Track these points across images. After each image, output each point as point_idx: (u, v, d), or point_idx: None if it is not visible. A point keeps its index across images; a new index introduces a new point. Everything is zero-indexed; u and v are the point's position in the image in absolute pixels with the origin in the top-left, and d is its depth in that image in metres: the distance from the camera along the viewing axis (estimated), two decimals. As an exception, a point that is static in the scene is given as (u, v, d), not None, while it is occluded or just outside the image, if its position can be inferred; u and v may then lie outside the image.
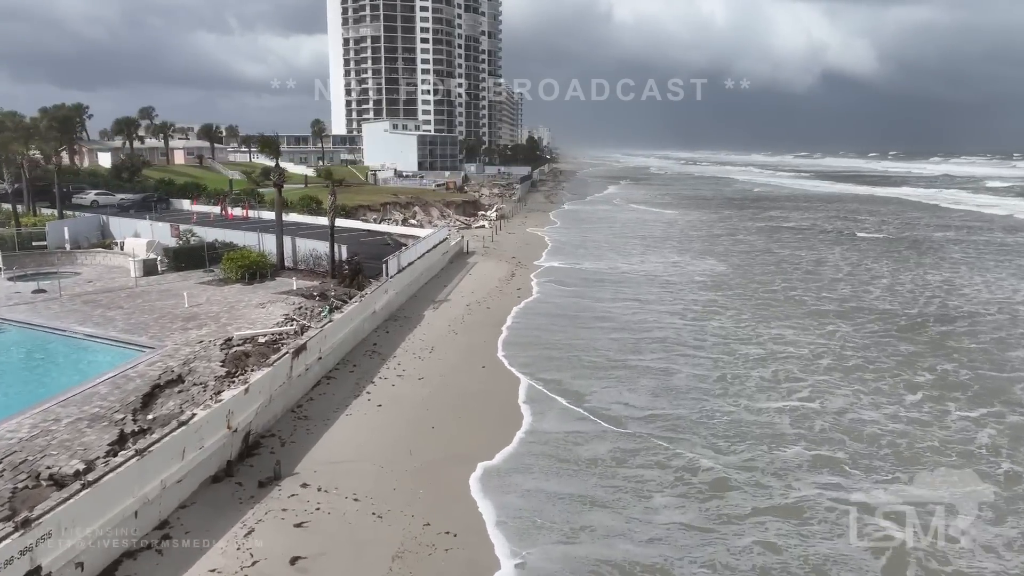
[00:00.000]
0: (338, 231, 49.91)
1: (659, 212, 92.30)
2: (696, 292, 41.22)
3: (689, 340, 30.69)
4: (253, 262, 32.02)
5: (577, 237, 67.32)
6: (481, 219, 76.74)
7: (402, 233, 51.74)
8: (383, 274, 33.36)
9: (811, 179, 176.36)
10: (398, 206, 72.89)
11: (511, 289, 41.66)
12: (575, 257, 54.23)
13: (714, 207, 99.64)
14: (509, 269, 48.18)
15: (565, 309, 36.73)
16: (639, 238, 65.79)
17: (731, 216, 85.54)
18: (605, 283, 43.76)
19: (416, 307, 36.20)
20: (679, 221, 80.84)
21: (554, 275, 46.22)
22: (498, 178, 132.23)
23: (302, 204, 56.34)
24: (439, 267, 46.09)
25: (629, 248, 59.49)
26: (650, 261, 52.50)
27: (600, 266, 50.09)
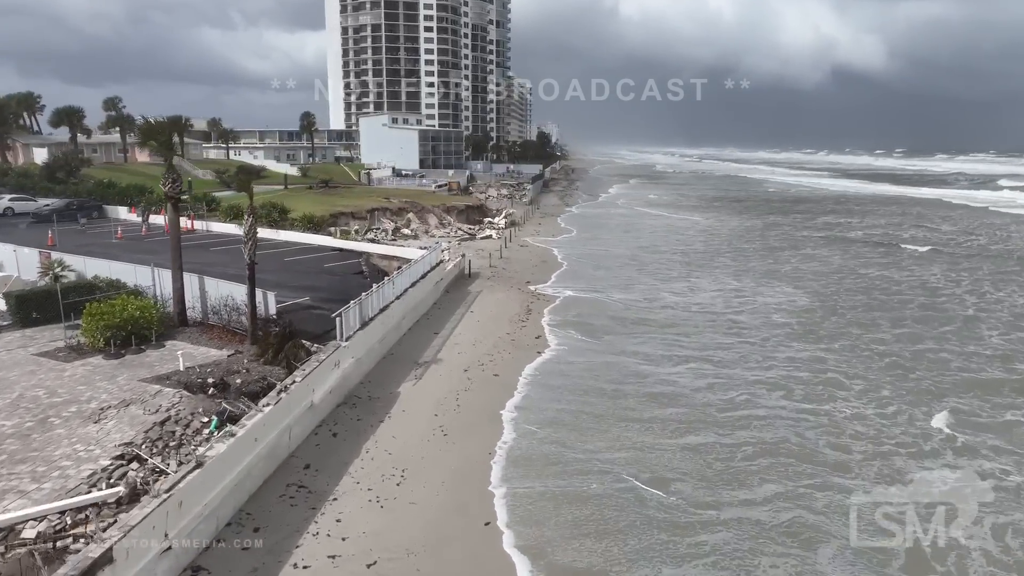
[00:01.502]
0: (300, 251, 38.71)
1: (690, 218, 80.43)
2: (786, 343, 29.50)
3: (822, 450, 19.03)
4: (128, 319, 20.57)
5: (599, 249, 55.68)
6: (488, 227, 65.18)
7: (385, 254, 40.20)
8: (338, 333, 21.89)
9: (843, 178, 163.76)
10: (388, 213, 61.48)
11: (527, 337, 30.14)
12: (600, 282, 42.56)
13: (754, 211, 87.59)
14: (523, 303, 36.61)
15: (597, 376, 25.15)
16: (678, 253, 54.01)
17: (780, 223, 73.51)
18: (649, 327, 32.07)
19: (389, 376, 24.70)
20: (719, 230, 68.95)
21: (575, 311, 34.65)
22: (507, 177, 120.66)
23: (259, 217, 44.88)
24: (430, 301, 34.60)
25: (668, 267, 47.79)
26: (702, 288, 40.78)
27: (635, 297, 38.37)
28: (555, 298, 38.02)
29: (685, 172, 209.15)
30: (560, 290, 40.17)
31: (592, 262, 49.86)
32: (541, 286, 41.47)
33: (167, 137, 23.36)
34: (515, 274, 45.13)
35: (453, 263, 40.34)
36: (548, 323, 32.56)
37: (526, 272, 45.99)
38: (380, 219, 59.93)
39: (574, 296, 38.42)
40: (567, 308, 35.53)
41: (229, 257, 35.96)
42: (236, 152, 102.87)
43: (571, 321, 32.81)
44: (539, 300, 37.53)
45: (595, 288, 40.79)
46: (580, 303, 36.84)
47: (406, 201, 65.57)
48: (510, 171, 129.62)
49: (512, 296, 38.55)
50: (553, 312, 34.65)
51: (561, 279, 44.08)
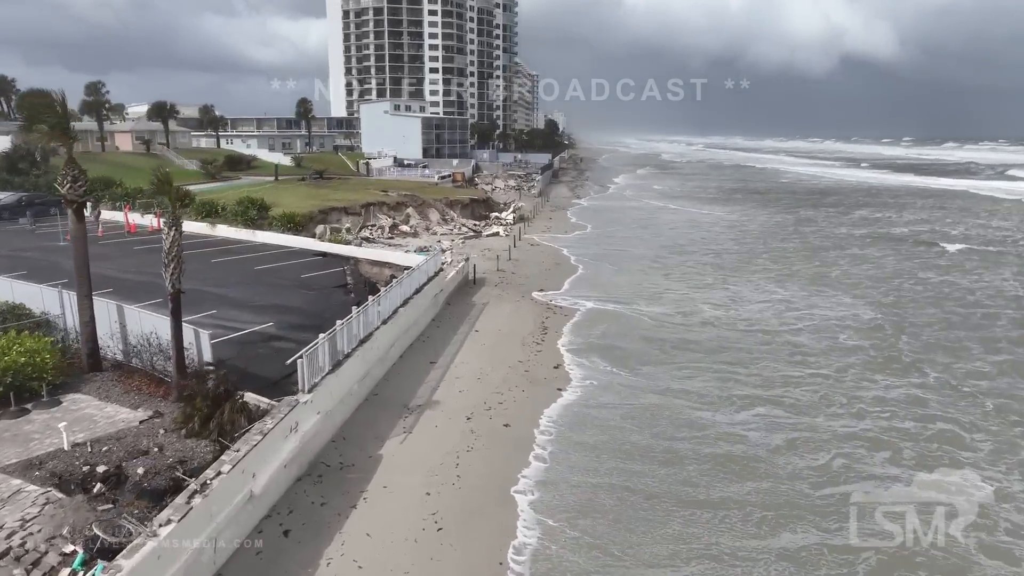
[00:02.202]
0: (277, 256, 32.76)
1: (712, 211, 74.49)
2: (867, 375, 23.80)
3: (979, 559, 13.40)
4: (7, 368, 14.98)
5: (616, 249, 49.98)
6: (494, 223, 59.48)
7: (376, 260, 34.51)
8: (299, 381, 16.30)
9: (862, 169, 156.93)
10: (386, 208, 55.82)
11: (543, 366, 24.57)
12: (623, 290, 36.91)
13: (779, 204, 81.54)
14: (536, 318, 31.02)
15: (639, 427, 19.59)
16: (708, 253, 48.21)
17: (812, 218, 67.49)
18: (693, 353, 26.39)
19: (370, 428, 19.15)
20: (747, 225, 63.05)
21: (599, 329, 29.08)
22: (514, 167, 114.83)
23: (233, 214, 39.13)
24: (428, 318, 29.01)
25: (699, 271, 42.04)
26: (745, 298, 35.08)
27: (667, 310, 32.66)
28: (573, 311, 32.41)
29: (695, 161, 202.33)
30: (577, 300, 34.55)
31: (610, 265, 44.16)
32: (555, 295, 35.87)
33: (60, 119, 17.57)
34: (525, 280, 39.52)
35: (455, 270, 34.72)
36: (568, 346, 26.96)
37: (537, 277, 40.39)
38: (376, 215, 54.30)
39: (595, 309, 32.76)
40: (589, 325, 29.89)
41: (201, 265, 30.47)
42: (228, 141, 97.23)
43: (596, 344, 27.18)
44: (555, 314, 31.91)
45: (617, 298, 35.11)
46: (603, 318, 31.20)
47: (405, 194, 59.90)
48: (517, 160, 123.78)
49: (523, 308, 32.95)
50: (573, 331, 29.03)
51: (577, 286, 38.46)
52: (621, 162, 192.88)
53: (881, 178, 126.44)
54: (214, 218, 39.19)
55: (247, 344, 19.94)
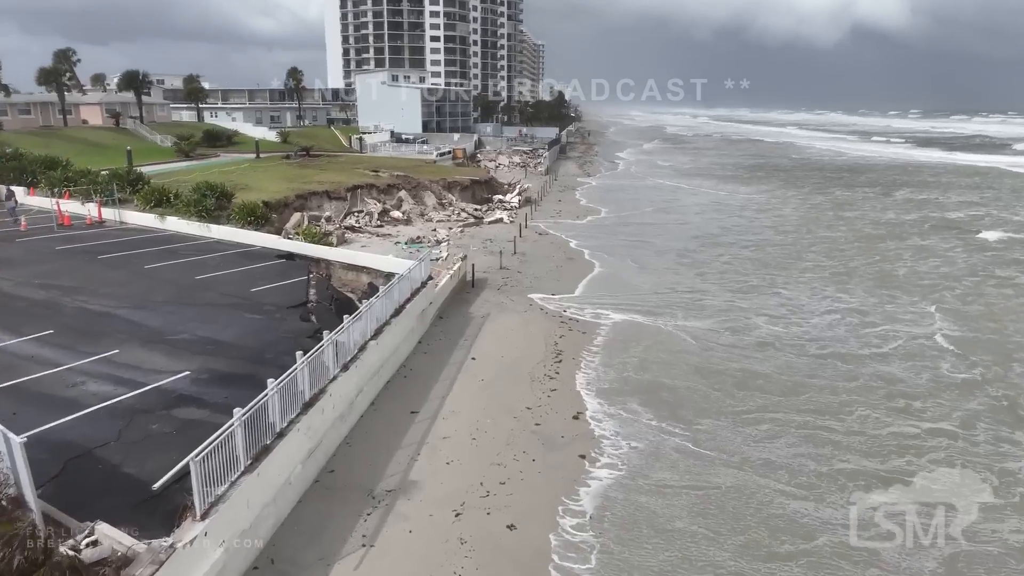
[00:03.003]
0: (229, 260, 25.40)
1: (737, 191, 67.74)
2: (1002, 430, 17.66)
3: None
4: None
5: (637, 239, 43.68)
6: (498, 208, 53.08)
7: (351, 263, 28.09)
8: (195, 501, 10.23)
9: (888, 144, 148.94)
10: (375, 191, 49.36)
11: (560, 419, 18.54)
12: (652, 296, 30.74)
13: (808, 183, 74.57)
14: (548, 337, 24.88)
15: (714, 536, 13.55)
16: (747, 245, 41.70)
17: (851, 200, 60.73)
18: (763, 397, 20.23)
19: (310, 542, 13.07)
20: (780, 209, 56.41)
21: (632, 355, 22.95)
22: (519, 142, 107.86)
23: (185, 204, 32.44)
24: (412, 342, 22.87)
25: (739, 269, 35.72)
26: (804, 306, 28.81)
27: (712, 325, 26.44)
28: (594, 327, 26.25)
29: (704, 135, 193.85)
30: (598, 310, 28.41)
31: (632, 261, 37.82)
32: (570, 301, 29.75)
33: None
34: (533, 281, 33.36)
35: (449, 274, 28.44)
36: (592, 385, 20.85)
37: (547, 277, 34.23)
38: (364, 199, 47.89)
39: (622, 324, 26.59)
40: (617, 350, 23.73)
41: (128, 274, 24.32)
42: (213, 114, 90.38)
43: (630, 382, 21.04)
44: (571, 331, 25.77)
45: (647, 306, 28.90)
46: (634, 337, 25.04)
47: (398, 175, 53.36)
48: (523, 135, 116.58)
49: (531, 322, 26.80)
50: (598, 359, 22.90)
51: (595, 288, 32.32)
52: (630, 135, 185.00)
53: (907, 154, 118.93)
54: (165, 208, 32.87)
55: (140, 414, 13.83)
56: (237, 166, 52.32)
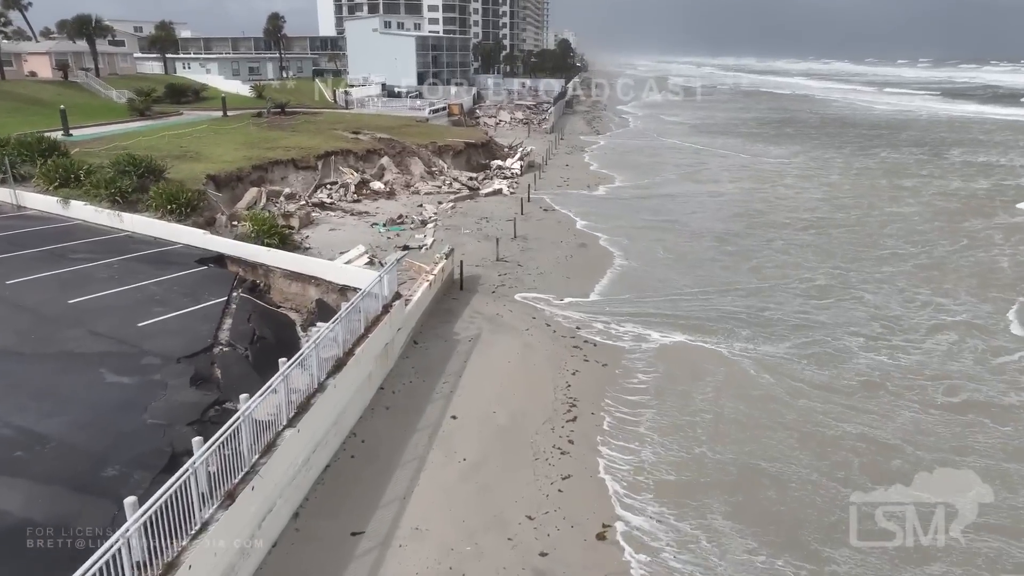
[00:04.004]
0: (129, 267, 19.57)
1: (768, 153, 60.22)
2: None
3: None
4: None
5: (663, 220, 36.80)
6: (497, 177, 46.01)
7: (297, 272, 21.26)
8: None
9: (912, 96, 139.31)
10: (352, 158, 42.21)
11: (582, 547, 12.12)
12: (698, 299, 24.07)
13: (846, 143, 66.60)
14: (558, 370, 18.43)
15: None
16: (801, 226, 34.63)
17: (904, 164, 53.15)
18: (901, 480, 13.77)
19: None
20: (825, 176, 48.96)
21: (687, 410, 16.40)
22: (523, 95, 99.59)
23: (95, 185, 25.21)
24: (367, 397, 16.38)
25: (797, 258, 29.00)
26: (902, 320, 22.18)
27: (790, 349, 19.95)
28: (622, 356, 19.84)
29: (716, 86, 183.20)
30: (624, 323, 21.97)
31: (663, 249, 31.01)
32: (584, 308, 23.29)
33: None
34: (538, 278, 26.77)
35: (427, 282, 21.71)
36: (625, 472, 14.41)
37: (555, 271, 27.66)
38: (339, 168, 40.82)
39: (661, 348, 20.10)
40: (660, 395, 17.30)
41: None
42: (186, 65, 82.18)
43: (690, 466, 14.59)
44: (588, 363, 19.37)
45: (692, 318, 22.36)
46: (682, 371, 18.63)
47: (381, 138, 46.04)
48: (526, 87, 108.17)
49: (535, 349, 20.29)
50: (630, 414, 16.48)
51: (617, 288, 25.79)
52: (638, 86, 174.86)
53: (942, 108, 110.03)
54: (72, 189, 26.00)
55: None
56: (193, 128, 45.10)
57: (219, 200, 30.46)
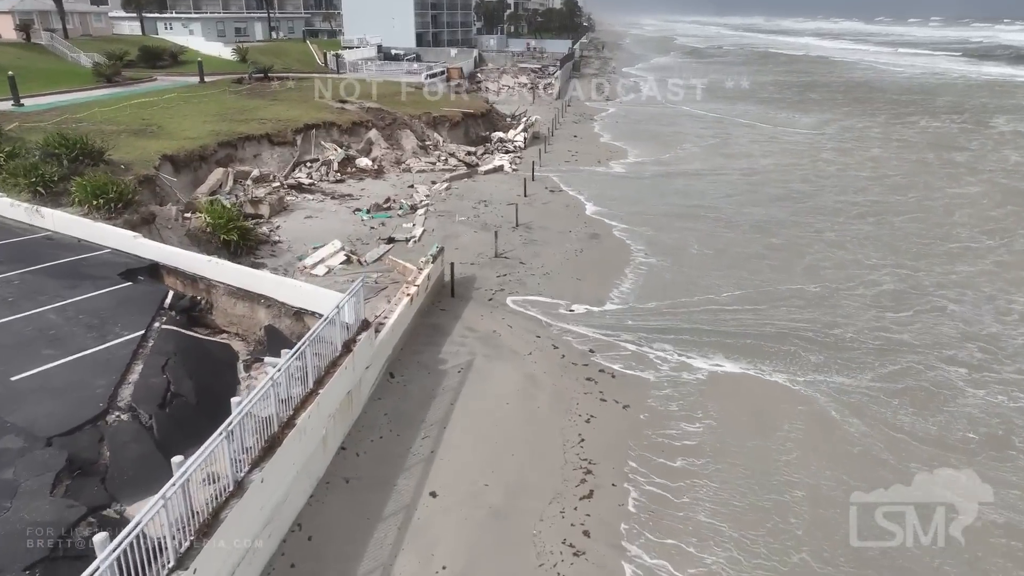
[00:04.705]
0: (34, 282, 14.83)
1: (795, 123, 55.22)
2: None
3: None
4: None
5: (694, 202, 32.46)
6: (498, 151, 41.52)
7: (245, 290, 17.10)
8: None
9: (932, 57, 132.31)
10: (337, 131, 37.71)
11: None
12: (748, 317, 20.01)
13: (878, 110, 61.39)
14: (568, 423, 14.39)
15: None
16: (854, 214, 30.15)
17: (948, 135, 48.17)
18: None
19: None
20: (864, 149, 44.21)
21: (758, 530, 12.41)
22: (527, 57, 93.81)
23: (13, 173, 20.93)
24: (318, 471, 12.45)
25: (857, 256, 24.79)
26: (1015, 348, 18.00)
27: (879, 385, 16.00)
28: (648, 391, 15.91)
29: (726, 47, 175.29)
30: (649, 342, 18.04)
31: (697, 243, 26.60)
32: (599, 322, 19.25)
33: None
34: (543, 279, 22.76)
35: (408, 296, 17.57)
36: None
37: (563, 270, 23.67)
38: (321, 143, 36.40)
39: (711, 382, 16.08)
40: (721, 456, 13.37)
41: None
42: (167, 25, 76.82)
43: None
44: (606, 403, 15.45)
45: (740, 337, 18.36)
46: (743, 415, 14.63)
47: (370, 107, 41.41)
48: (531, 49, 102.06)
49: (540, 382, 16.35)
50: (675, 488, 12.60)
51: (639, 293, 21.81)
52: (647, 46, 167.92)
53: (973, 71, 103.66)
54: None
55: None
56: (160, 96, 40.54)
57: (173, 186, 26.26)
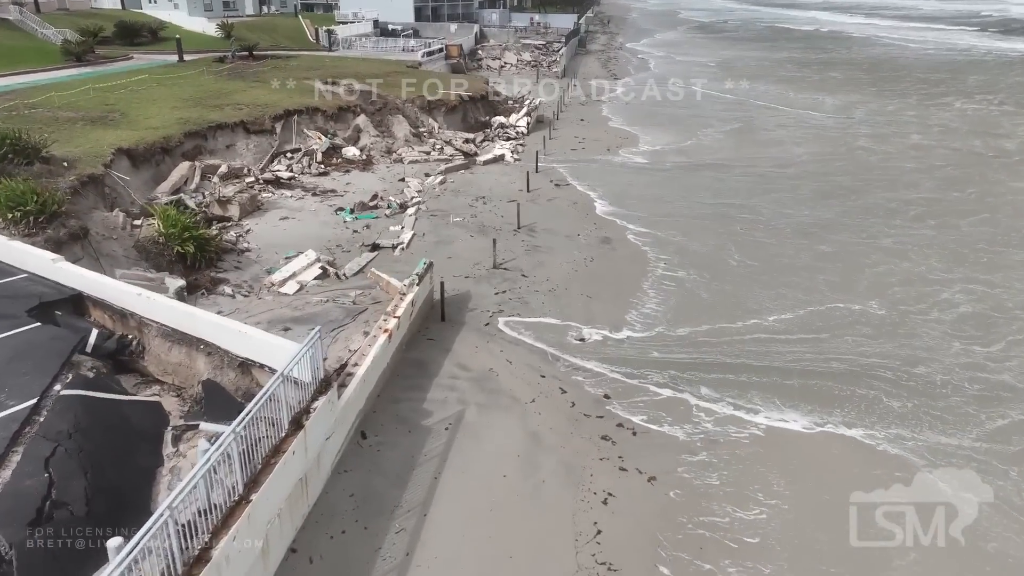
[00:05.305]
0: None
1: (822, 105, 51.35)
2: None
3: None
4: None
5: (723, 194, 29.05)
6: (499, 137, 38.11)
7: (182, 332, 13.93)
8: None
9: (948, 31, 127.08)
10: (321, 116, 34.30)
11: None
12: (806, 350, 16.81)
13: (908, 92, 57.09)
14: (580, 511, 11.27)
15: None
16: (912, 214, 26.55)
17: (990, 119, 44.06)
18: None
19: None
20: (907, 136, 40.38)
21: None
22: (531, 33, 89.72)
23: None
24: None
25: (921, 265, 21.68)
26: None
27: (1014, 483, 12.79)
28: (685, 454, 12.93)
29: (736, 21, 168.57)
30: (680, 382, 15.10)
31: (737, 252, 23.14)
32: (616, 348, 16.15)
33: None
34: (547, 297, 19.71)
35: (386, 332, 14.42)
36: None
37: (571, 284, 20.62)
38: (304, 131, 33.03)
39: (765, 442, 13.04)
40: (797, 562, 10.35)
41: None
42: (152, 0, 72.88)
43: None
44: (626, 472, 12.38)
45: (804, 380, 15.33)
46: (817, 495, 11.52)
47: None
48: (535, 24, 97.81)
49: (546, 436, 13.57)
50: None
51: (667, 318, 18.74)
52: (653, 21, 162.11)
53: (995, 46, 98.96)
54: None
55: None
56: (128, 78, 37.11)
57: (127, 185, 23.04)
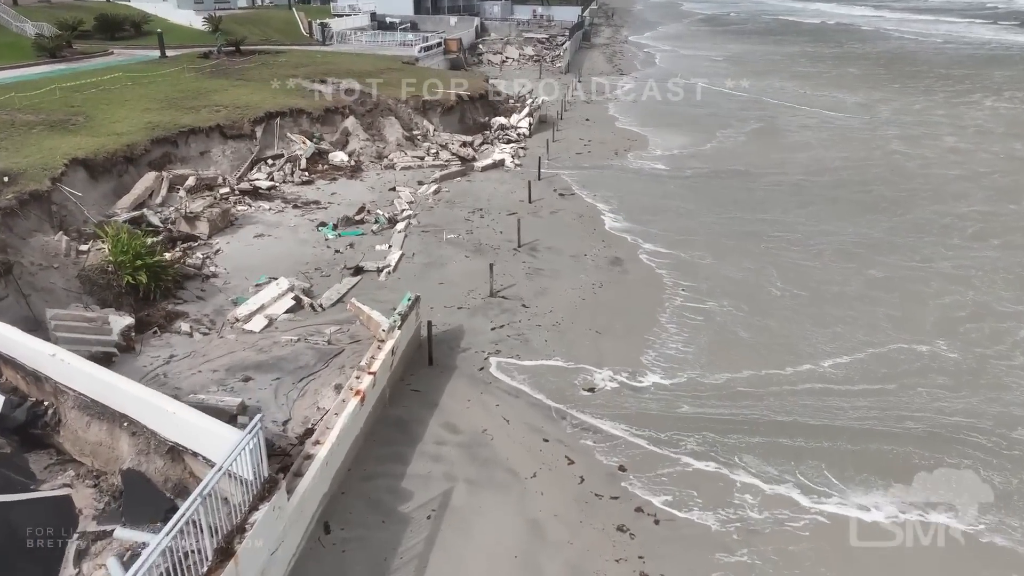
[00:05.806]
0: None
1: (845, 105, 48.54)
2: None
3: None
4: None
5: (751, 207, 26.52)
6: (498, 141, 35.48)
7: (101, 405, 11.48)
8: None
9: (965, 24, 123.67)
10: (307, 119, 31.68)
11: None
12: (882, 425, 14.20)
13: (934, 89, 53.54)
14: None
15: None
16: (974, 233, 23.57)
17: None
18: None
19: None
20: (941, 138, 37.22)
21: None
22: (533, 27, 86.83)
23: None
24: None
25: (996, 298, 18.91)
26: None
27: None
28: (720, 554, 10.24)
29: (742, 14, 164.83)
30: (716, 450, 12.65)
31: (775, 273, 20.60)
32: (633, 403, 13.54)
33: None
34: (552, 333, 17.27)
35: (357, 394, 11.93)
36: None
37: (578, 317, 18.20)
38: (287, 135, 30.43)
39: (834, 540, 10.43)
40: None
41: None
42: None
43: None
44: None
45: (871, 446, 12.76)
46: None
47: (350, 89, 35.26)
48: (538, 17, 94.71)
49: (549, 529, 10.97)
50: None
51: (696, 362, 16.26)
52: (657, 13, 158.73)
53: (1016, 40, 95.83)
54: None
55: None
56: (101, 76, 34.51)
57: (80, 201, 20.50)
